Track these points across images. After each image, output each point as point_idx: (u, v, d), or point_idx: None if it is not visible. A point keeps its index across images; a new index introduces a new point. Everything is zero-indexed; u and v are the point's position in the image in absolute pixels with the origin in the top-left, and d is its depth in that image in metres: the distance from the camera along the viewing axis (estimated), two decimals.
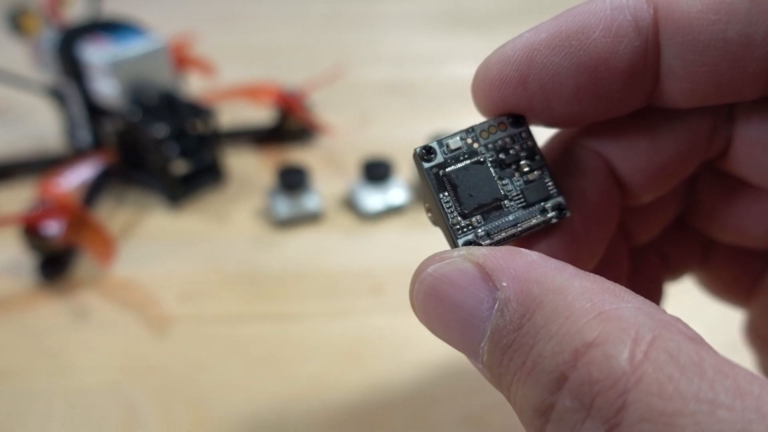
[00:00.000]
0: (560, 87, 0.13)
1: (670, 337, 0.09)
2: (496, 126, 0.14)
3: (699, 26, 0.12)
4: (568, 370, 0.10)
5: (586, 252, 0.15)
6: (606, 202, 0.15)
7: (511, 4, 0.80)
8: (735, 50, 0.12)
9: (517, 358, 0.11)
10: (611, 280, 0.11)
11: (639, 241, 0.18)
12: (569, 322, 0.10)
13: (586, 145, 0.15)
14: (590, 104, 0.13)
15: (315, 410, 0.26)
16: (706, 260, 0.19)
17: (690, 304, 0.21)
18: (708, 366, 0.09)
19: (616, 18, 0.13)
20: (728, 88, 0.13)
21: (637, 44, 0.13)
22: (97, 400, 0.27)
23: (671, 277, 0.20)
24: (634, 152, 0.15)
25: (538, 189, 0.14)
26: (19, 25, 0.40)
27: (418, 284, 0.13)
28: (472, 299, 0.12)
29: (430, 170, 0.14)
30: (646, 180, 0.15)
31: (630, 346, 0.09)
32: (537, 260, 0.12)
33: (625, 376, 0.09)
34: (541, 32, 0.13)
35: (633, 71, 0.13)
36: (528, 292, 0.11)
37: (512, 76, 0.13)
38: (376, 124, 0.50)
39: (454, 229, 0.13)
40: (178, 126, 0.38)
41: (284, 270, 0.34)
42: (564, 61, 0.13)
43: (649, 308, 0.10)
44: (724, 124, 0.15)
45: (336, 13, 0.79)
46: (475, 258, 0.12)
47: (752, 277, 0.18)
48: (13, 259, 0.35)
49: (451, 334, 0.12)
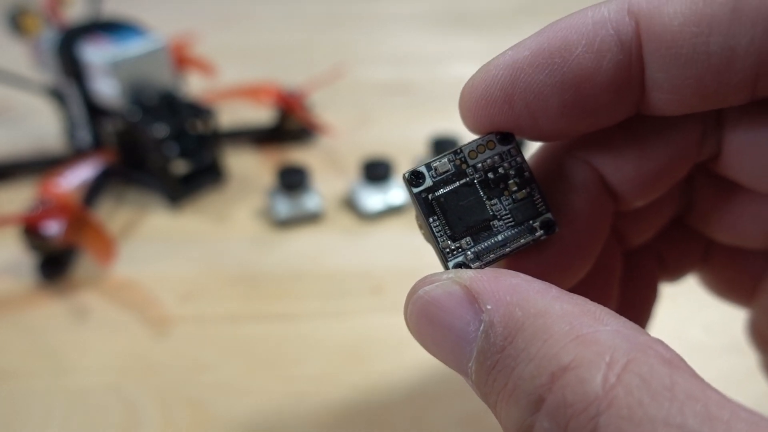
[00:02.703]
0: (546, 104, 0.13)
1: (644, 361, 0.10)
2: (484, 144, 0.14)
3: (681, 39, 0.12)
4: (545, 393, 0.10)
5: (577, 263, 0.15)
6: (596, 212, 0.15)
7: (511, 4, 0.80)
8: (718, 62, 0.12)
9: (500, 379, 0.11)
10: (602, 285, 0.12)
11: (633, 244, 0.18)
12: (547, 346, 0.10)
13: (576, 156, 0.15)
14: (577, 119, 0.14)
15: (315, 410, 0.26)
16: (706, 261, 0.19)
17: (690, 304, 0.21)
18: (679, 390, 0.09)
19: (598, 33, 0.13)
20: (713, 97, 0.13)
21: (621, 58, 0.13)
22: (97, 400, 0.27)
23: (670, 278, 0.20)
24: (623, 160, 0.15)
25: (526, 207, 0.14)
26: (19, 25, 0.40)
27: (411, 305, 0.13)
28: (460, 321, 0.12)
29: (420, 195, 0.14)
30: (636, 186, 0.15)
31: (604, 370, 0.10)
32: (521, 283, 0.12)
33: (597, 400, 0.09)
34: (524, 49, 0.13)
35: (618, 85, 0.13)
36: (511, 315, 0.11)
37: (497, 95, 0.13)
38: (376, 124, 0.50)
39: (444, 252, 0.14)
40: (178, 126, 0.38)
41: (284, 270, 0.34)
42: (548, 78, 0.13)
43: (628, 330, 0.10)
44: (713, 129, 0.15)
45: (336, 13, 0.79)
46: (462, 281, 0.12)
47: (753, 276, 0.18)
48: (13, 259, 0.35)
49: (443, 353, 0.13)
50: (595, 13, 0.13)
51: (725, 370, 0.27)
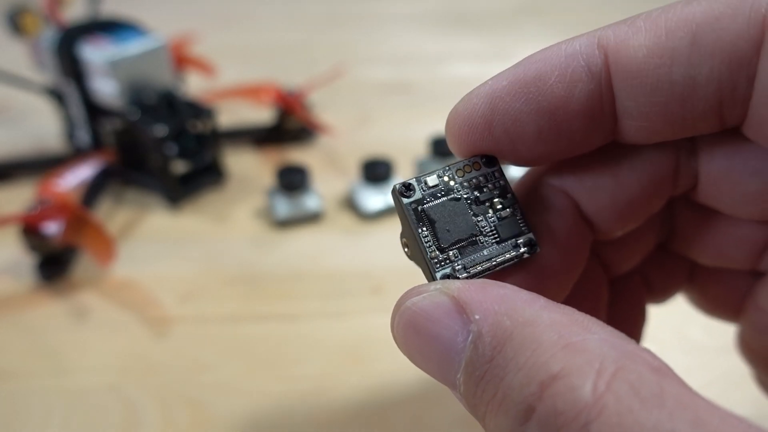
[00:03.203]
0: (523, 130, 0.14)
1: (633, 369, 0.10)
2: (470, 165, 0.15)
3: (645, 70, 0.13)
4: (535, 402, 0.10)
5: (555, 285, 0.15)
6: (574, 239, 0.16)
7: (511, 4, 0.80)
8: (681, 91, 0.13)
9: (489, 390, 0.11)
10: (588, 312, 0.12)
11: (619, 271, 0.18)
12: (536, 355, 0.10)
13: (553, 185, 0.16)
14: (553, 144, 0.14)
15: (315, 410, 0.26)
16: (691, 281, 0.20)
17: (689, 307, 0.21)
18: (669, 397, 0.09)
19: (569, 64, 0.13)
20: (681, 125, 0.13)
21: (591, 87, 0.13)
22: (97, 400, 0.27)
23: (657, 299, 0.20)
24: (598, 191, 0.16)
25: (510, 225, 0.14)
26: (18, 24, 0.40)
27: (398, 317, 0.13)
28: (448, 331, 0.12)
29: (409, 206, 0.14)
30: (612, 217, 0.16)
31: (593, 378, 0.10)
32: (509, 293, 0.12)
33: (587, 408, 0.09)
34: (502, 80, 0.14)
35: (590, 113, 0.14)
36: (499, 325, 0.11)
37: (478, 122, 0.14)
38: (376, 124, 0.50)
39: (432, 263, 0.14)
40: (177, 126, 0.38)
41: (284, 270, 0.34)
42: (524, 106, 0.14)
43: (616, 339, 0.11)
44: (687, 160, 0.15)
45: (336, 13, 0.79)
46: (450, 291, 0.12)
47: (739, 294, 0.19)
48: (12, 259, 0.35)
49: (430, 366, 0.13)
50: (567, 47, 0.14)
51: (724, 371, 0.27)
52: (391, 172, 0.39)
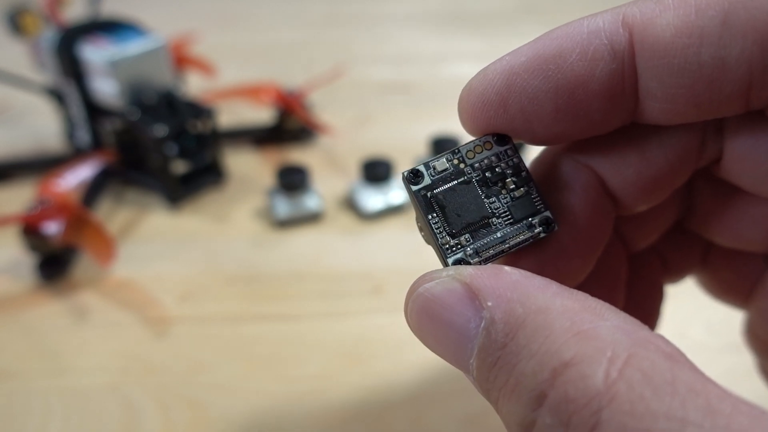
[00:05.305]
0: (540, 109, 0.14)
1: (645, 356, 0.10)
2: (481, 145, 0.14)
3: (673, 50, 0.12)
4: (547, 389, 0.10)
5: (577, 264, 0.15)
6: (596, 215, 0.15)
7: (511, 4, 0.80)
8: (710, 72, 0.12)
9: (501, 376, 0.11)
10: (608, 287, 0.12)
11: (638, 247, 0.18)
12: (549, 342, 0.10)
13: (577, 160, 0.16)
14: (570, 124, 0.14)
15: (315, 410, 0.26)
16: (705, 262, 0.20)
17: (692, 303, 0.21)
18: (680, 384, 0.09)
19: (591, 42, 0.13)
20: (707, 107, 0.13)
21: (614, 67, 0.13)
22: (97, 400, 0.27)
23: (671, 279, 0.20)
24: (624, 166, 0.15)
25: (524, 205, 0.14)
26: (18, 24, 0.40)
27: (411, 303, 0.13)
28: (460, 318, 0.12)
29: (418, 192, 0.14)
30: (637, 192, 0.16)
31: (605, 365, 0.10)
32: (521, 279, 0.12)
33: (599, 395, 0.09)
34: (520, 56, 0.13)
35: (611, 93, 0.13)
36: (512, 312, 0.11)
37: (493, 99, 0.14)
38: (376, 124, 0.50)
39: (443, 249, 0.14)
40: (177, 126, 0.38)
41: (284, 270, 0.34)
42: (542, 84, 0.13)
43: (628, 326, 0.11)
44: (713, 135, 0.15)
45: (336, 13, 0.79)
46: (462, 278, 0.12)
47: (751, 279, 0.18)
48: (12, 259, 0.35)
49: (444, 351, 0.13)
50: (590, 23, 0.13)
51: (726, 369, 0.27)
52: (391, 172, 0.39)
